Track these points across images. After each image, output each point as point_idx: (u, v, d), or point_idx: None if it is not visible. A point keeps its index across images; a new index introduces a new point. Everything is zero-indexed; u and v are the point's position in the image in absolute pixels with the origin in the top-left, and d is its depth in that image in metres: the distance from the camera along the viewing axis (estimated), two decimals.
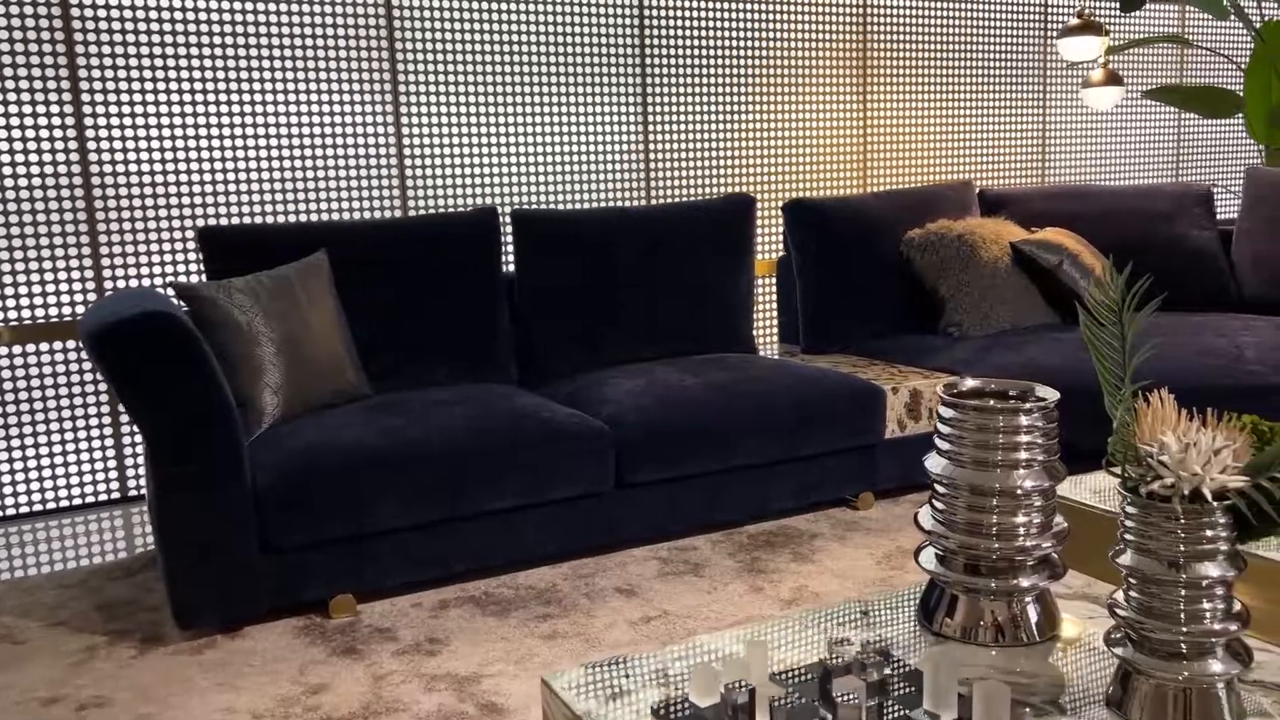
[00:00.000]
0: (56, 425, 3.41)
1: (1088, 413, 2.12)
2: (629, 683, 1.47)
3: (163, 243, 3.47)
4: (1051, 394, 1.57)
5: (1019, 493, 1.52)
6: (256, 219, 3.58)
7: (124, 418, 3.50)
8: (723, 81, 4.38)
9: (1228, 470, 1.21)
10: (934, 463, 1.59)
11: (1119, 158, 5.53)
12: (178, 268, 3.50)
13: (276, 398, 2.72)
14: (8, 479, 3.37)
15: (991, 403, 1.55)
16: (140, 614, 2.61)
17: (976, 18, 4.96)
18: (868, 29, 4.68)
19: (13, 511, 3.39)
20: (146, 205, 3.43)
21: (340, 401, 2.92)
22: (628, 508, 2.90)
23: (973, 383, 1.63)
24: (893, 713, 1.32)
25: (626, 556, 2.89)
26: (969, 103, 5.01)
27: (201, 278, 3.45)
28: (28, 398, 3.36)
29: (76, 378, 3.42)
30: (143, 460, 3.18)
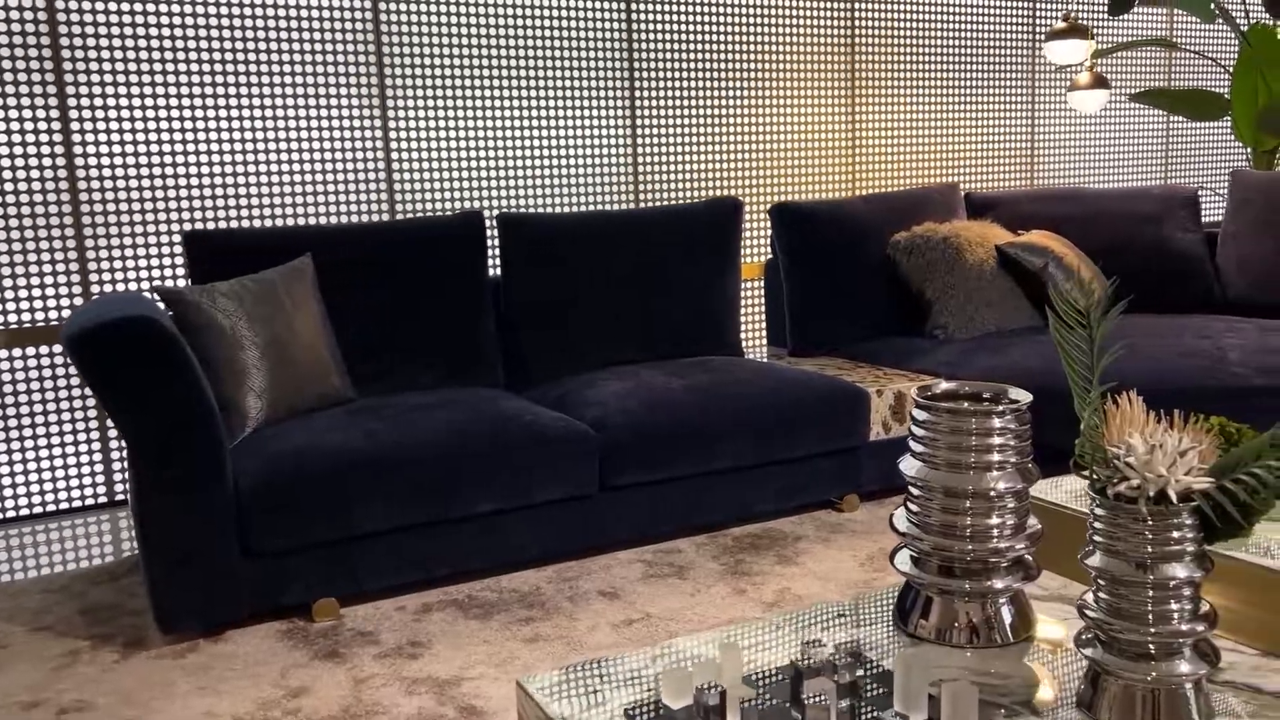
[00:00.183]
0: (44, 429, 3.41)
1: (1070, 415, 2.12)
2: (604, 685, 1.47)
3: (150, 247, 3.47)
4: (1024, 396, 1.58)
5: (992, 494, 1.53)
6: (245, 223, 3.58)
7: (110, 422, 3.50)
8: (711, 84, 4.39)
9: (1193, 472, 1.22)
10: (908, 465, 1.60)
11: (1108, 160, 5.54)
12: (165, 272, 3.49)
13: (260, 402, 2.72)
14: None
15: (965, 405, 1.56)
16: (123, 618, 2.61)
17: (965, 21, 4.98)
18: (857, 32, 4.69)
19: None
20: (134, 209, 3.43)
21: (325, 405, 2.92)
22: (612, 510, 2.90)
23: (947, 385, 1.64)
24: (863, 714, 1.32)
25: (611, 559, 2.89)
26: (958, 106, 5.02)
27: (188, 282, 3.45)
28: (14, 402, 3.36)
29: (64, 382, 3.42)
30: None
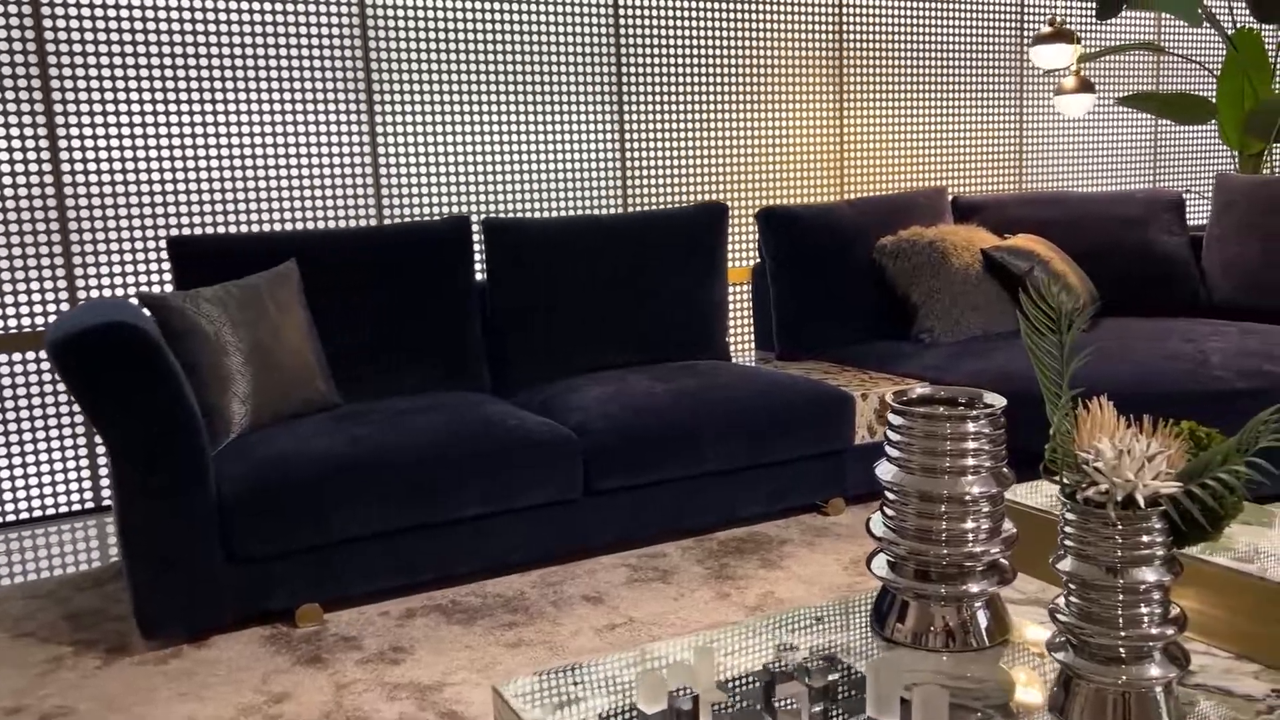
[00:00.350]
0: (30, 435, 3.40)
1: (1048, 419, 2.13)
2: (580, 690, 1.48)
3: (136, 253, 3.46)
4: (999, 401, 1.58)
5: (967, 499, 1.54)
6: (232, 229, 3.58)
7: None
8: (700, 89, 4.40)
9: (1161, 476, 1.23)
10: (884, 469, 1.61)
11: (1095, 164, 5.56)
12: (152, 278, 3.49)
13: (244, 407, 2.72)
14: None
15: (940, 410, 1.57)
16: (107, 624, 2.60)
17: (953, 25, 4.99)
18: (844, 37, 4.70)
19: None
20: (120, 215, 3.43)
21: (310, 411, 2.92)
22: (597, 515, 2.91)
23: (923, 390, 1.64)
24: (836, 718, 1.33)
25: (595, 564, 2.89)
26: (945, 110, 5.04)
27: (174, 287, 3.44)
28: (0, 407, 3.36)
29: (50, 387, 3.41)
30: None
